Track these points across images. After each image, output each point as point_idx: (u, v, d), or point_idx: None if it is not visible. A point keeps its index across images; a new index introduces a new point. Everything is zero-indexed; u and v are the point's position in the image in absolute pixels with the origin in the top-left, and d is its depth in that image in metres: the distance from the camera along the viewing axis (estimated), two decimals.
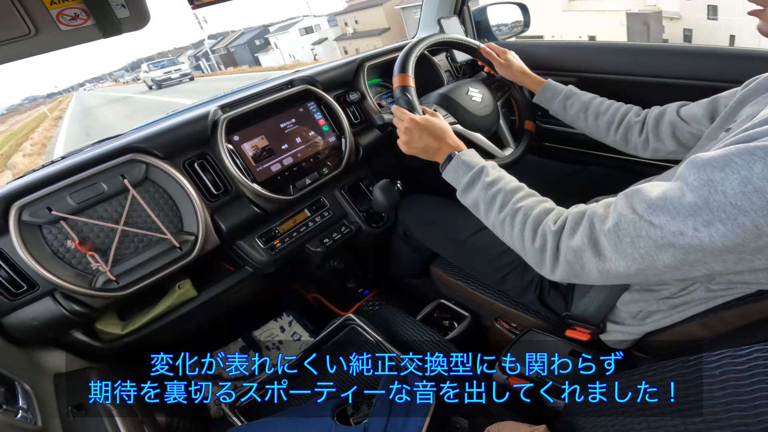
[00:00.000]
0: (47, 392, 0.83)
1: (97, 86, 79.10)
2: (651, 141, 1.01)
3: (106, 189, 0.93)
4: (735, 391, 0.45)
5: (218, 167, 1.08)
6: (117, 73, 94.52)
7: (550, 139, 1.57)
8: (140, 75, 35.47)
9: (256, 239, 1.18)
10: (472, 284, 1.16)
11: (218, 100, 1.20)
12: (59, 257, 0.90)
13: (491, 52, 1.24)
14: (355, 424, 0.77)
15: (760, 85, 0.74)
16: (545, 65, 1.41)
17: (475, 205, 0.83)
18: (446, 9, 1.63)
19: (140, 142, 0.99)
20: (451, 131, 0.95)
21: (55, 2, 0.59)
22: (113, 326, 1.03)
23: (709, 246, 0.50)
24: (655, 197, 0.55)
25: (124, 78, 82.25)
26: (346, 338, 1.03)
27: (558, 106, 1.15)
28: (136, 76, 73.00)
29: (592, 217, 0.64)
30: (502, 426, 0.71)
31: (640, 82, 1.25)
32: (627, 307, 0.82)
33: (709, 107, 0.89)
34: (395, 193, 1.20)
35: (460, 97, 1.18)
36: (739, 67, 1.05)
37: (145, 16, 0.68)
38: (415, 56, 1.09)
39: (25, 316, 0.89)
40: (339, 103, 1.29)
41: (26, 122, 32.83)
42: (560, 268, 0.67)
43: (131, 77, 76.05)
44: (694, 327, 0.74)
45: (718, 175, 0.49)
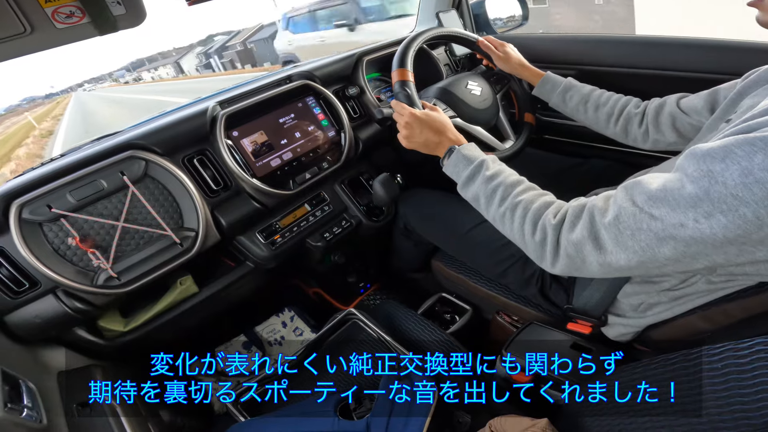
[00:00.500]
0: (51, 390, 0.83)
1: (96, 86, 77.81)
2: (651, 132, 1.00)
3: (105, 186, 0.93)
4: (737, 384, 0.45)
5: (218, 163, 1.08)
6: (117, 73, 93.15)
7: (550, 132, 1.57)
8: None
9: (257, 234, 1.18)
10: (474, 278, 1.16)
11: (217, 96, 1.20)
12: (60, 255, 0.90)
13: (489, 45, 1.23)
14: (358, 418, 0.77)
15: (760, 77, 0.74)
16: (544, 58, 1.40)
17: (476, 198, 0.83)
18: (445, 2, 1.62)
19: (139, 139, 0.99)
20: (451, 125, 0.95)
21: (50, 0, 0.58)
22: (116, 323, 1.03)
23: (711, 238, 0.50)
24: (655, 189, 0.55)
25: (124, 78, 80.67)
26: (347, 333, 1.03)
27: (557, 99, 1.15)
28: (137, 76, 71.81)
29: (593, 210, 0.64)
30: (504, 420, 0.71)
31: (639, 75, 1.25)
32: (628, 300, 0.82)
33: (709, 99, 0.89)
34: (395, 187, 1.20)
35: (460, 91, 1.17)
36: (739, 59, 1.05)
37: (141, 14, 0.68)
38: (413, 50, 1.09)
39: (28, 314, 0.89)
40: (338, 97, 1.28)
41: (7, 134, 31.27)
42: (561, 262, 0.67)
43: (132, 77, 74.87)
44: (696, 319, 0.74)
45: (718, 166, 0.48)
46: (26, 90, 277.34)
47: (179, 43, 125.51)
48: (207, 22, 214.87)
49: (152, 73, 66.69)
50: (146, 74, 68.79)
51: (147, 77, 67.17)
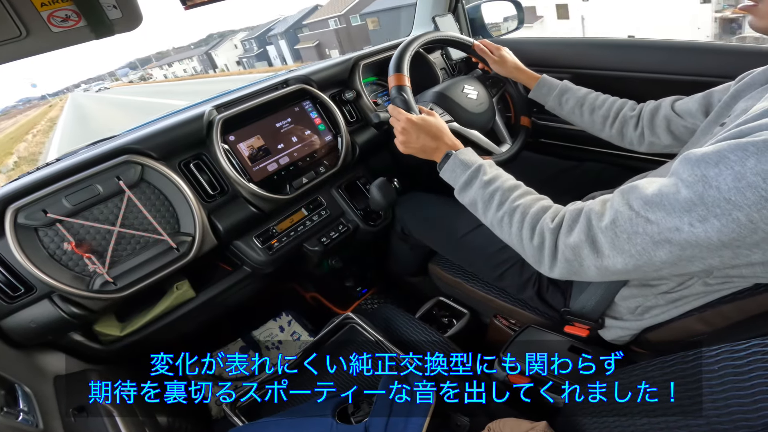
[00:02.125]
0: (48, 395, 0.82)
1: (91, 87, 75.75)
2: (646, 135, 1.01)
3: (101, 191, 0.92)
4: (734, 386, 0.45)
5: (214, 167, 1.08)
6: (120, 71, 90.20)
7: (546, 136, 1.58)
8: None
9: (254, 239, 1.17)
10: (471, 281, 1.16)
11: (213, 100, 1.20)
12: (56, 260, 0.90)
13: (485, 49, 1.24)
14: (356, 422, 0.77)
15: (753, 80, 0.74)
16: (540, 62, 1.41)
17: (473, 203, 0.83)
18: (441, 7, 1.63)
19: (135, 143, 0.99)
20: (447, 130, 0.95)
21: (46, 4, 0.58)
22: (112, 328, 1.02)
23: (705, 241, 0.51)
24: (651, 193, 0.56)
25: (128, 77, 77.78)
26: (345, 337, 1.03)
27: (553, 102, 1.15)
28: (142, 75, 68.73)
29: (589, 214, 0.64)
30: (503, 423, 0.71)
31: (634, 78, 1.26)
32: (625, 303, 0.82)
33: (704, 101, 0.89)
34: (392, 192, 1.20)
35: (456, 95, 1.17)
36: (733, 63, 1.06)
37: (137, 17, 0.68)
38: (409, 55, 1.09)
39: (24, 319, 0.88)
40: (335, 101, 1.29)
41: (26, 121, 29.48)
42: (559, 266, 0.68)
43: (137, 75, 72.01)
44: (693, 322, 0.74)
45: (712, 171, 0.49)
46: (21, 92, 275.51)
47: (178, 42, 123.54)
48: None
49: (165, 70, 59.72)
50: (158, 71, 62.90)
51: (159, 75, 61.49)
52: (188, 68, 53.50)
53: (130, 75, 79.03)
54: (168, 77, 57.11)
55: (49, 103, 66.97)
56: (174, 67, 58.13)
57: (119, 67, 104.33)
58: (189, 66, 53.66)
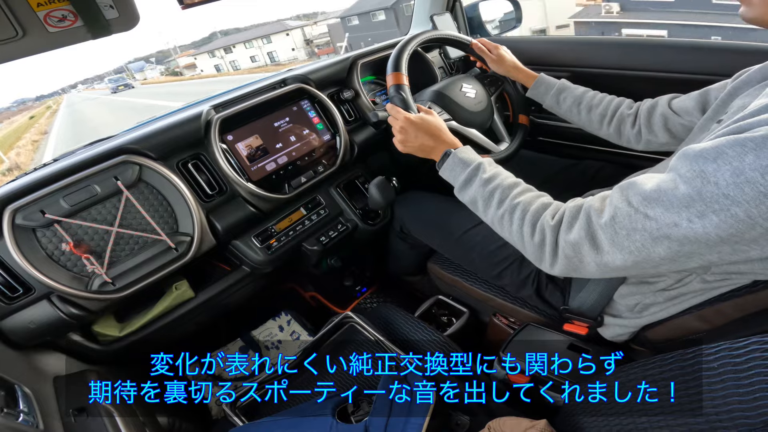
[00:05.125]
0: (48, 395, 0.82)
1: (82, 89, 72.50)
2: (644, 133, 1.01)
3: (99, 191, 0.92)
4: (734, 384, 0.45)
5: (212, 167, 1.08)
6: (134, 65, 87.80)
7: (545, 134, 1.58)
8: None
9: (253, 239, 1.17)
10: (470, 280, 1.16)
11: (211, 100, 1.20)
12: (54, 260, 0.90)
13: (483, 48, 1.24)
14: (356, 422, 0.77)
15: (750, 77, 0.75)
16: (537, 60, 1.41)
17: (473, 201, 0.83)
18: (439, 5, 1.63)
19: (133, 144, 0.99)
20: (446, 128, 0.95)
21: (42, 4, 0.58)
22: (111, 328, 1.02)
23: (704, 237, 0.51)
24: (650, 190, 0.56)
25: (144, 72, 74.89)
26: (344, 336, 1.03)
27: (551, 100, 1.16)
28: (145, 76, 66.07)
29: (589, 211, 0.64)
30: (503, 422, 0.71)
31: (631, 76, 1.26)
32: (624, 300, 0.82)
33: (701, 99, 0.90)
34: (391, 190, 1.20)
35: (454, 94, 1.18)
36: (730, 61, 1.06)
37: (135, 17, 0.67)
38: (407, 54, 1.09)
39: (22, 320, 0.88)
40: (333, 101, 1.29)
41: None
42: (559, 263, 0.68)
43: (158, 69, 69.05)
44: (692, 319, 0.74)
45: (710, 167, 0.49)
46: (17, 92, 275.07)
47: (178, 42, 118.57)
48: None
49: (217, 58, 46.05)
50: (204, 60, 48.94)
51: (206, 65, 48.45)
52: (258, 55, 41.69)
53: (146, 70, 74.53)
54: (221, 69, 43.74)
55: (46, 104, 65.50)
56: (235, 53, 44.12)
57: (129, 61, 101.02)
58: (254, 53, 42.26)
